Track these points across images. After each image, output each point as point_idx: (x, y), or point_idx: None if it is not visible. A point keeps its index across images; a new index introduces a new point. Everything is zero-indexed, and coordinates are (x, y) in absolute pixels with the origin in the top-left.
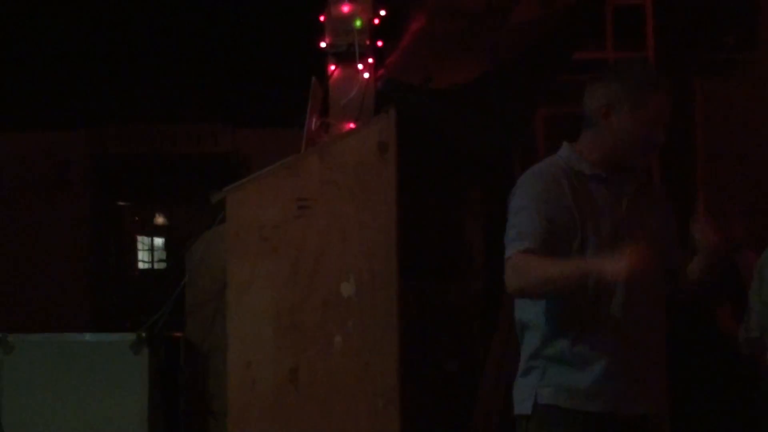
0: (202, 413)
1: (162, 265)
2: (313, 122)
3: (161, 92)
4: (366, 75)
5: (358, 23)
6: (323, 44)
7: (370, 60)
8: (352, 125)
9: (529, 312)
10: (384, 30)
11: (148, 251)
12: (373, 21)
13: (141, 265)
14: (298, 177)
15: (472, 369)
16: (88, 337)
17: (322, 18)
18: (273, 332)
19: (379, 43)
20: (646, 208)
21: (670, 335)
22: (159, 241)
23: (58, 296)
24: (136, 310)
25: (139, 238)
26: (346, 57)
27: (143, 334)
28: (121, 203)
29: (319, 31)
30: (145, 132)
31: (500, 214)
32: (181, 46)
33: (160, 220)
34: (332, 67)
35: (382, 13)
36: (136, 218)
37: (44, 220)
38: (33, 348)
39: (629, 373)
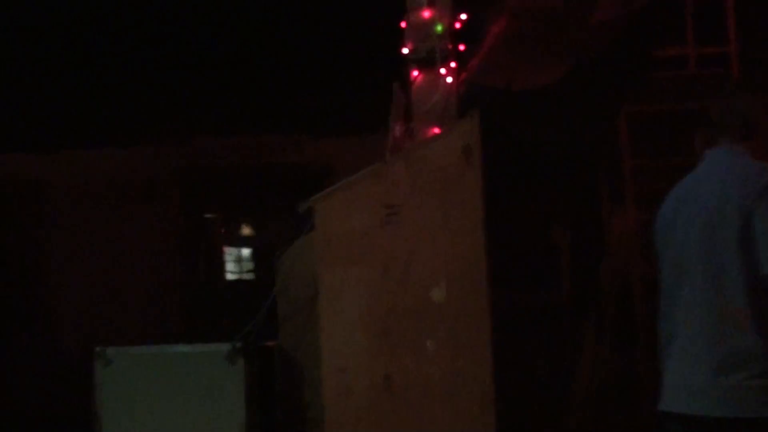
0: (299, 422)
1: (250, 276)
2: (397, 128)
3: (244, 104)
4: (449, 79)
5: (439, 28)
6: (405, 50)
7: (453, 64)
8: (436, 130)
9: None
10: (465, 34)
11: (236, 262)
12: (453, 25)
13: (229, 276)
14: (385, 184)
15: (564, 373)
16: (184, 348)
17: (403, 24)
18: (365, 339)
19: (461, 47)
20: None
21: None
22: (246, 252)
23: (150, 308)
24: (225, 321)
25: (227, 249)
26: (428, 62)
27: (238, 345)
28: (208, 215)
29: (401, 38)
30: (230, 144)
31: (586, 216)
32: (264, 57)
33: (246, 230)
34: (415, 73)
35: (463, 17)
36: (223, 230)
37: (135, 234)
38: (130, 360)
39: None
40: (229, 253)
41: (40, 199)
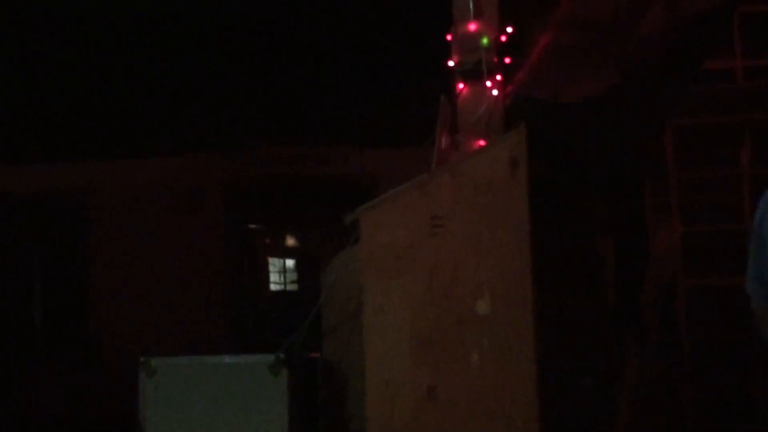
0: None
1: (294, 287)
2: (443, 141)
3: (290, 115)
4: (494, 92)
5: (485, 41)
6: (451, 63)
7: (498, 77)
8: (482, 143)
9: None
10: (511, 46)
11: (280, 273)
12: (500, 38)
13: (273, 287)
14: (431, 196)
15: (608, 384)
16: (228, 359)
17: (448, 37)
18: (410, 351)
19: (507, 60)
20: None
21: None
22: (290, 263)
23: (194, 318)
24: (269, 331)
25: (271, 260)
26: (474, 75)
27: (282, 356)
28: (252, 225)
29: (447, 50)
30: (275, 155)
31: (631, 227)
32: (308, 68)
33: (290, 241)
34: (460, 85)
35: (509, 29)
36: (267, 240)
37: (179, 244)
38: (174, 371)
39: None
40: (273, 263)
41: (86, 207)
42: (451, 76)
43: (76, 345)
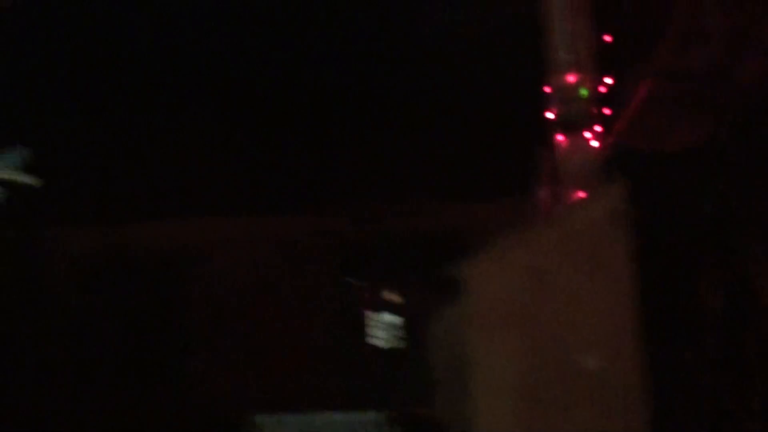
0: None
1: (398, 343)
2: (544, 193)
3: (393, 171)
4: (594, 143)
5: (583, 92)
6: (550, 114)
7: (598, 128)
8: (582, 194)
9: None
10: (610, 97)
11: (383, 329)
12: (598, 89)
13: (375, 342)
14: (532, 248)
15: None
16: (336, 416)
17: (547, 89)
18: (517, 405)
19: (606, 111)
20: None
21: None
22: (394, 318)
23: (297, 373)
24: (373, 388)
25: (372, 315)
26: (574, 126)
27: (392, 413)
28: (355, 282)
29: (546, 102)
30: (374, 210)
31: (737, 277)
32: (404, 122)
33: (392, 297)
34: (560, 137)
35: (608, 80)
36: (367, 295)
37: (284, 299)
38: (281, 429)
39: None
40: (375, 319)
41: (195, 264)
42: (551, 127)
43: (180, 401)
